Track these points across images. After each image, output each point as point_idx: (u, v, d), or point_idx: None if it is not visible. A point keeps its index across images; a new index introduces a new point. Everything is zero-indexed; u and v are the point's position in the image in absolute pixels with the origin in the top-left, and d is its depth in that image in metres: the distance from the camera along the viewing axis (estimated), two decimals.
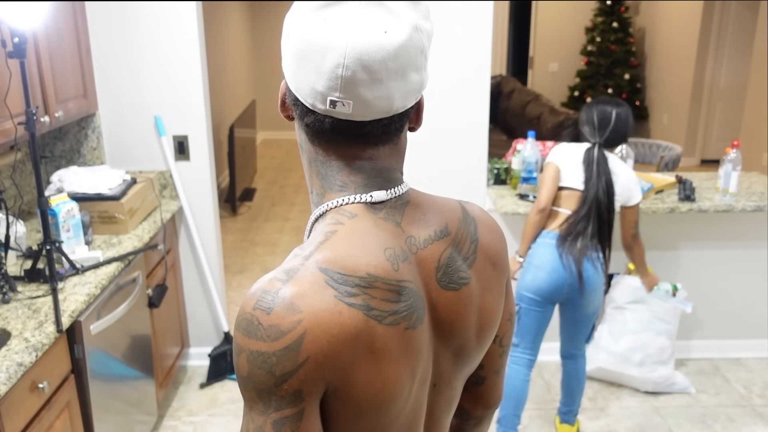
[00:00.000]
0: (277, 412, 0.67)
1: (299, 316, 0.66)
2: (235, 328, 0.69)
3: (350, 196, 0.77)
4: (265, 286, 0.69)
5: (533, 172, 2.89)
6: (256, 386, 0.67)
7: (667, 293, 2.89)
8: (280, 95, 0.81)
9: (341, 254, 0.71)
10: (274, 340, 0.66)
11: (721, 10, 6.56)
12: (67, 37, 2.51)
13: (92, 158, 2.91)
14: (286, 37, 0.76)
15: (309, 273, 0.69)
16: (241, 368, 0.68)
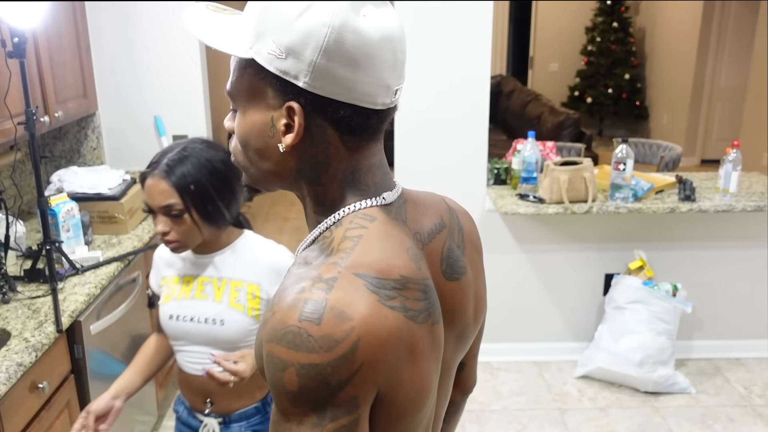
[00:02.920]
0: (333, 422, 0.66)
1: (351, 323, 0.65)
2: (274, 343, 0.66)
3: (367, 200, 0.77)
4: (306, 297, 0.66)
5: (533, 172, 2.89)
6: (309, 399, 0.65)
7: (667, 293, 2.89)
8: (296, 128, 0.72)
9: (374, 259, 0.71)
10: (327, 351, 0.64)
11: (721, 10, 6.56)
12: (67, 37, 2.51)
13: (92, 158, 2.91)
14: (319, 53, 0.69)
15: (348, 280, 0.68)
16: (288, 383, 0.65)
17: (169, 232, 1.40)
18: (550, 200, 2.79)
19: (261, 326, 0.73)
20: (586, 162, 2.80)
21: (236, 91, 0.76)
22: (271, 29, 0.70)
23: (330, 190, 0.77)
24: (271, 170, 0.78)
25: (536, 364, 3.19)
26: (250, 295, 1.44)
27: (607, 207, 2.78)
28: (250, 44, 0.72)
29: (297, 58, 0.70)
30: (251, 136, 0.76)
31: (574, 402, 2.91)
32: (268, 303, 1.43)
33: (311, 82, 0.70)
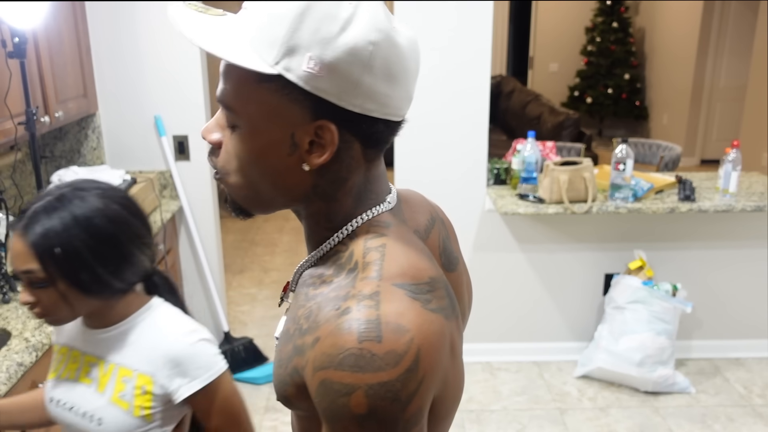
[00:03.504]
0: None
1: (409, 335, 0.64)
2: (332, 369, 0.63)
3: (376, 207, 0.76)
4: (356, 317, 0.64)
5: (533, 172, 2.89)
6: (380, 419, 0.63)
7: (666, 293, 2.89)
8: (329, 147, 0.69)
9: (404, 266, 0.70)
10: (394, 366, 0.62)
11: (721, 10, 6.56)
12: (67, 37, 2.51)
13: (92, 158, 2.91)
14: (363, 70, 0.67)
15: (390, 292, 0.66)
16: (355, 407, 0.62)
17: (36, 304, 1.12)
18: (550, 200, 2.79)
19: (293, 353, 0.71)
20: (586, 162, 2.80)
21: (243, 107, 0.70)
22: (306, 45, 0.65)
23: (344, 204, 0.74)
24: (282, 189, 0.73)
25: (536, 364, 3.20)
26: (138, 390, 1.16)
27: (607, 207, 2.78)
28: (274, 59, 0.66)
29: (338, 77, 0.66)
30: (262, 154, 0.71)
31: (574, 402, 2.91)
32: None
33: (351, 100, 0.67)
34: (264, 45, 0.66)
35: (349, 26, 0.66)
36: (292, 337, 0.72)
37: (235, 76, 0.69)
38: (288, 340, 0.73)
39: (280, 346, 0.76)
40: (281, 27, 0.65)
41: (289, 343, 0.73)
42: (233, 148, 0.72)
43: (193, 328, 1.22)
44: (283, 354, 0.73)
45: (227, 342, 3.13)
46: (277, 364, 0.75)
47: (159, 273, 1.26)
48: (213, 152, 0.75)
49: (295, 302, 0.77)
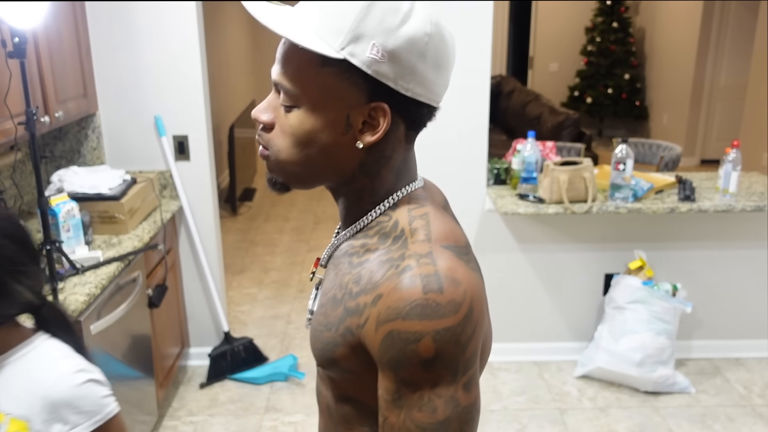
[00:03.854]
0: (465, 375, 0.73)
1: (462, 287, 0.72)
2: (400, 320, 0.71)
3: (413, 184, 0.85)
4: (419, 272, 0.72)
5: (533, 172, 2.89)
6: (445, 360, 0.71)
7: (666, 293, 2.89)
8: (383, 127, 0.77)
9: (446, 231, 0.79)
10: (455, 313, 0.71)
11: (721, 10, 6.56)
12: (67, 37, 2.51)
13: (92, 158, 2.91)
14: (418, 58, 0.75)
15: (441, 252, 0.75)
16: (424, 352, 0.70)
17: None
18: (550, 200, 2.79)
19: (345, 315, 0.78)
20: (586, 162, 2.80)
21: (304, 88, 0.77)
22: (371, 34, 0.73)
23: (386, 180, 0.83)
24: (332, 166, 0.81)
25: (536, 364, 3.20)
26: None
27: (607, 207, 2.78)
28: (341, 45, 0.73)
29: (397, 63, 0.74)
30: (320, 132, 0.78)
31: (574, 402, 2.91)
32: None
33: (405, 85, 0.76)
34: (330, 32, 0.74)
35: (409, 19, 0.74)
36: (341, 301, 0.79)
37: (298, 61, 0.77)
38: (337, 304, 0.80)
39: (324, 312, 0.82)
40: (348, 17, 0.73)
41: (338, 307, 0.79)
42: (290, 127, 0.79)
43: (80, 368, 1.11)
44: (331, 318, 0.80)
45: (227, 342, 3.13)
46: (323, 329, 0.81)
47: (49, 306, 1.15)
48: (265, 130, 0.82)
49: (335, 271, 0.84)
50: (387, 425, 0.74)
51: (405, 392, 0.72)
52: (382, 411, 0.75)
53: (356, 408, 0.84)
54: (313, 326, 0.85)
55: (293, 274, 4.37)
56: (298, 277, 4.32)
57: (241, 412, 2.86)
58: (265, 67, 8.60)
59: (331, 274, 0.85)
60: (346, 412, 0.85)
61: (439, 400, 0.72)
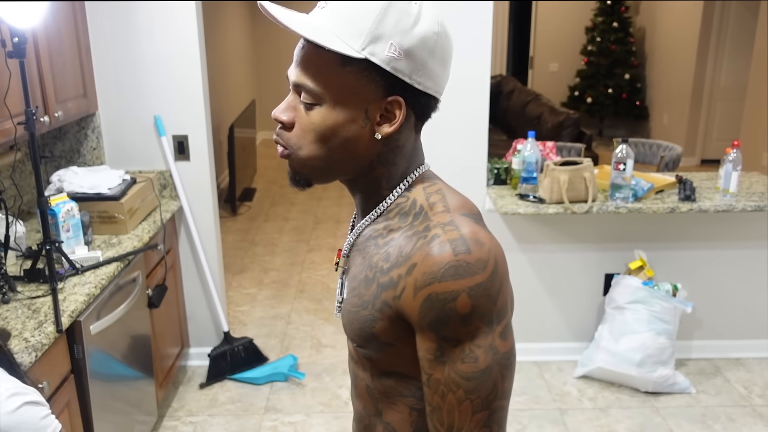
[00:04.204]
0: (499, 325, 0.81)
1: (486, 246, 0.81)
2: (437, 282, 0.78)
3: (422, 166, 0.93)
4: (446, 238, 0.80)
5: (533, 172, 2.89)
6: (480, 313, 0.79)
7: (667, 293, 2.89)
8: (399, 118, 0.85)
9: (460, 202, 0.88)
10: (483, 270, 0.79)
11: (721, 10, 6.56)
12: (67, 37, 2.51)
13: (92, 158, 2.91)
14: (429, 54, 0.84)
15: (461, 219, 0.84)
16: (461, 308, 0.78)
17: None
18: (550, 200, 2.79)
19: (380, 290, 0.85)
20: (586, 162, 2.80)
21: (326, 87, 0.83)
22: (389, 34, 0.81)
23: (400, 167, 0.91)
24: (353, 158, 0.88)
25: (536, 364, 3.19)
26: None
27: (607, 207, 2.78)
28: (361, 46, 0.81)
29: (412, 60, 0.83)
30: (341, 127, 0.85)
31: (574, 402, 2.91)
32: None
33: (418, 79, 0.84)
34: (350, 35, 0.81)
35: (420, 19, 0.83)
36: (373, 280, 0.87)
37: (319, 62, 0.84)
38: (369, 283, 0.88)
39: (358, 293, 0.90)
40: (367, 20, 0.81)
41: (371, 285, 0.87)
42: (311, 124, 0.86)
43: (14, 391, 1.06)
44: (366, 297, 0.88)
45: (227, 342, 3.13)
46: (359, 309, 0.88)
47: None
48: (284, 130, 0.89)
49: (362, 256, 0.92)
50: (432, 381, 0.82)
51: (446, 348, 0.80)
52: (425, 370, 0.82)
53: (397, 380, 0.91)
54: (346, 310, 0.92)
55: (293, 274, 4.37)
56: (298, 277, 4.32)
57: (240, 412, 2.86)
58: (265, 67, 8.60)
59: (357, 260, 0.93)
60: (386, 386, 0.93)
61: (479, 350, 0.80)
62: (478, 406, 0.81)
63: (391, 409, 0.94)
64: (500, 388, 0.82)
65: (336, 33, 0.81)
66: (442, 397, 0.82)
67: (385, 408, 0.94)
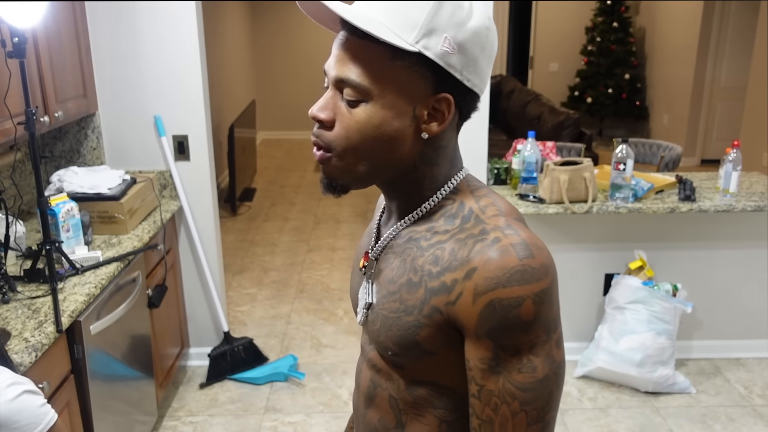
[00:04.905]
0: (555, 333, 0.78)
1: (545, 251, 0.78)
2: (501, 287, 0.74)
3: (465, 169, 0.89)
4: (509, 242, 0.76)
5: (533, 172, 2.89)
6: (542, 321, 0.76)
7: (667, 293, 2.89)
8: (448, 117, 0.81)
9: (509, 207, 0.85)
10: (546, 275, 0.76)
11: (721, 10, 6.56)
12: (67, 37, 2.51)
13: (92, 158, 2.91)
14: (480, 50, 0.80)
15: (516, 224, 0.81)
16: (526, 315, 0.74)
17: None
18: (550, 200, 2.79)
19: (429, 295, 0.80)
20: (586, 162, 2.80)
21: (375, 82, 0.78)
22: (444, 27, 0.77)
23: (443, 168, 0.86)
24: (397, 158, 0.83)
25: None
26: None
27: (607, 207, 2.78)
28: (415, 39, 0.76)
29: (464, 55, 0.79)
30: (388, 125, 0.80)
31: (574, 402, 2.91)
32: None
33: (468, 75, 0.80)
34: (403, 27, 0.76)
35: (473, 14, 0.79)
36: (420, 284, 0.82)
37: (369, 56, 0.78)
38: (414, 287, 0.82)
39: (399, 298, 0.84)
40: (421, 11, 0.76)
41: (417, 290, 0.82)
42: (356, 123, 0.80)
43: (12, 381, 1.08)
44: (410, 302, 0.82)
45: (227, 342, 3.13)
46: (402, 314, 0.83)
47: None
48: (323, 129, 0.83)
49: (400, 259, 0.86)
50: (484, 393, 0.77)
51: (503, 358, 0.75)
52: (477, 380, 0.78)
53: (430, 390, 0.86)
54: (381, 316, 0.86)
55: (293, 274, 4.37)
56: (298, 277, 4.32)
57: (240, 412, 2.86)
58: (265, 67, 8.60)
59: (392, 262, 0.87)
60: (417, 396, 0.87)
61: (537, 359, 0.76)
62: (534, 418, 0.77)
63: (417, 421, 0.89)
64: (555, 398, 0.78)
65: (386, 24, 0.76)
66: (495, 410, 0.77)
67: (410, 420, 0.89)
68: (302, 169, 7.34)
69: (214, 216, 3.07)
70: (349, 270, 4.41)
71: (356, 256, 1.01)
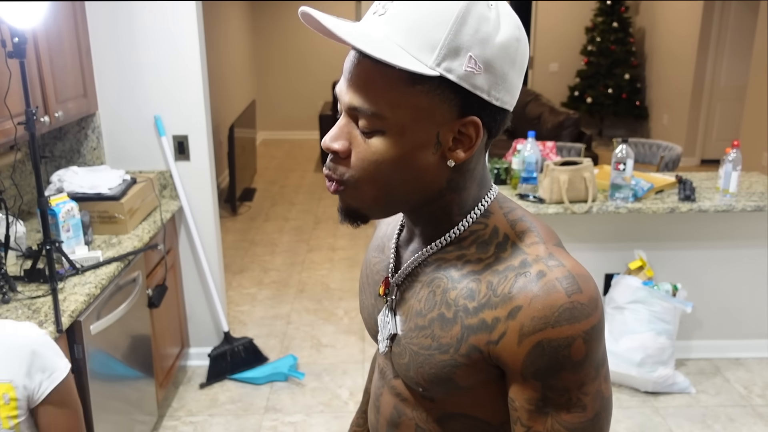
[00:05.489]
0: (603, 367, 0.73)
1: (592, 281, 0.72)
2: (549, 328, 0.69)
3: (494, 188, 0.82)
4: (554, 276, 0.71)
5: (533, 172, 2.89)
6: (592, 358, 0.71)
7: (667, 293, 2.89)
8: (476, 142, 0.73)
9: (548, 230, 0.79)
10: (595, 309, 0.71)
11: (721, 10, 6.56)
12: (67, 37, 2.51)
13: (92, 158, 2.91)
14: (510, 65, 0.71)
15: (557, 250, 0.75)
16: (576, 355, 0.69)
17: None
18: (550, 200, 2.79)
19: (467, 333, 0.74)
20: (586, 162, 2.80)
21: (392, 111, 0.70)
22: (468, 45, 0.68)
23: (472, 191, 0.79)
24: (420, 189, 0.76)
25: None
26: (1, 400, 1.08)
27: (607, 207, 2.78)
28: (435, 61, 0.67)
29: (492, 73, 0.70)
30: (409, 155, 0.72)
31: None
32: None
33: (497, 94, 0.71)
34: (421, 48, 0.68)
35: (501, 26, 0.70)
36: (455, 320, 0.75)
37: (383, 81, 0.69)
38: (449, 323, 0.76)
39: (431, 334, 0.78)
40: (441, 30, 0.67)
41: (452, 326, 0.75)
42: (373, 154, 0.72)
43: (32, 324, 1.18)
44: (445, 339, 0.76)
45: (227, 342, 3.13)
46: (436, 352, 0.77)
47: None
48: (337, 162, 0.75)
49: (428, 290, 0.79)
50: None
51: (551, 398, 0.71)
52: (523, 422, 0.73)
53: (463, 422, 0.82)
54: (411, 351, 0.80)
55: (293, 274, 4.37)
56: (298, 277, 4.32)
57: (240, 412, 2.86)
58: (265, 67, 8.60)
59: (420, 293, 0.80)
60: (449, 428, 0.83)
61: (587, 398, 0.72)
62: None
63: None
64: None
65: (402, 45, 0.68)
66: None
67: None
68: (302, 169, 7.34)
69: (214, 216, 3.07)
70: (349, 270, 4.41)
71: (367, 274, 0.94)
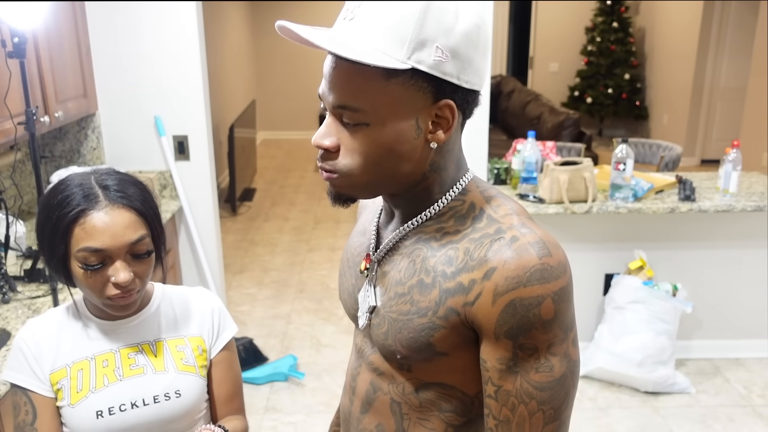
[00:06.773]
0: (571, 331, 0.78)
1: (561, 249, 0.78)
2: (522, 287, 0.74)
3: (471, 170, 0.89)
4: (527, 241, 0.76)
5: (533, 172, 2.89)
6: (560, 320, 0.76)
7: (667, 293, 2.89)
8: (453, 123, 0.80)
9: (519, 206, 0.85)
10: (564, 273, 0.76)
11: (721, 10, 6.56)
12: (67, 37, 2.51)
13: (92, 158, 2.91)
14: (474, 49, 0.78)
15: (530, 222, 0.81)
16: (545, 314, 0.74)
17: (133, 280, 1.11)
18: (550, 200, 2.79)
19: (444, 296, 0.79)
20: (586, 162, 2.80)
21: (372, 105, 0.77)
22: (433, 37, 0.75)
23: (450, 171, 0.86)
24: (409, 171, 0.82)
25: None
26: (196, 351, 1.20)
27: (607, 207, 2.78)
28: (406, 55, 0.74)
29: (458, 59, 0.77)
30: (396, 143, 0.79)
31: (575, 402, 2.91)
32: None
33: (466, 78, 0.78)
34: (392, 44, 0.74)
35: (460, 15, 0.76)
36: (434, 285, 0.81)
37: (360, 79, 0.76)
38: (428, 288, 0.81)
39: (410, 300, 0.83)
40: (408, 26, 0.74)
41: (431, 291, 0.81)
42: (360, 145, 0.79)
43: (211, 291, 1.33)
44: (423, 303, 0.81)
45: None
46: (414, 316, 0.82)
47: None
48: (328, 157, 0.82)
49: (408, 260, 0.85)
50: (501, 393, 0.77)
51: (521, 357, 0.76)
52: (494, 381, 0.78)
53: (438, 392, 0.86)
54: (390, 318, 0.85)
55: (293, 274, 4.37)
56: (298, 277, 4.32)
57: None
58: (265, 67, 8.60)
59: (400, 264, 0.86)
60: (424, 400, 0.87)
61: (554, 359, 0.76)
62: (551, 416, 0.77)
63: (421, 426, 0.87)
64: (571, 397, 0.79)
65: (373, 45, 0.75)
66: (512, 410, 0.77)
67: (414, 425, 0.88)
68: (302, 169, 7.34)
69: (214, 216, 3.08)
70: None
71: (347, 258, 0.99)
